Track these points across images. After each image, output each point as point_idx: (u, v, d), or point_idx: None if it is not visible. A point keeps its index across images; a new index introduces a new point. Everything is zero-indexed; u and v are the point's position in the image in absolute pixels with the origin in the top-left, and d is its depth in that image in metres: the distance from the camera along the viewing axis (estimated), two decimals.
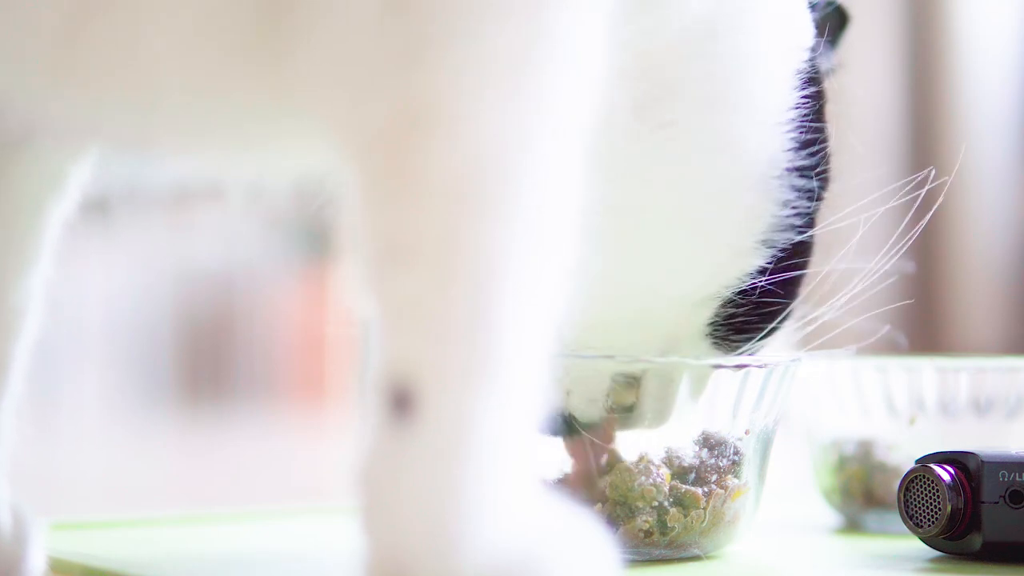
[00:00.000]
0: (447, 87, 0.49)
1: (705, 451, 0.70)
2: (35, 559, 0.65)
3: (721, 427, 0.70)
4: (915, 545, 0.73)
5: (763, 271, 0.67)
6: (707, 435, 0.70)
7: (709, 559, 0.70)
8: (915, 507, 0.72)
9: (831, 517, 0.84)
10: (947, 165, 2.00)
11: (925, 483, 0.71)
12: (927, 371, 0.82)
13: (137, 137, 0.60)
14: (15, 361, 0.65)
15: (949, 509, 0.71)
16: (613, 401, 0.69)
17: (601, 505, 0.69)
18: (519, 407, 0.50)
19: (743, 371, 0.70)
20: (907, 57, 2.16)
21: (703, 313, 0.68)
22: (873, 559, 0.74)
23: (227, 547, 0.76)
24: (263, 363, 2.68)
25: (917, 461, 0.72)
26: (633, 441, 0.70)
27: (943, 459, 0.72)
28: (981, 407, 0.82)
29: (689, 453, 0.70)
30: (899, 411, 0.82)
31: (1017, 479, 0.70)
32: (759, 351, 0.70)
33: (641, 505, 0.69)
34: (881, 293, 0.72)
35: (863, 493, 0.82)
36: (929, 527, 0.71)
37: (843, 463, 0.83)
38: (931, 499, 0.71)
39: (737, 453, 0.71)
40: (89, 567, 0.69)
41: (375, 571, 0.50)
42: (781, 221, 0.67)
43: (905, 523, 0.72)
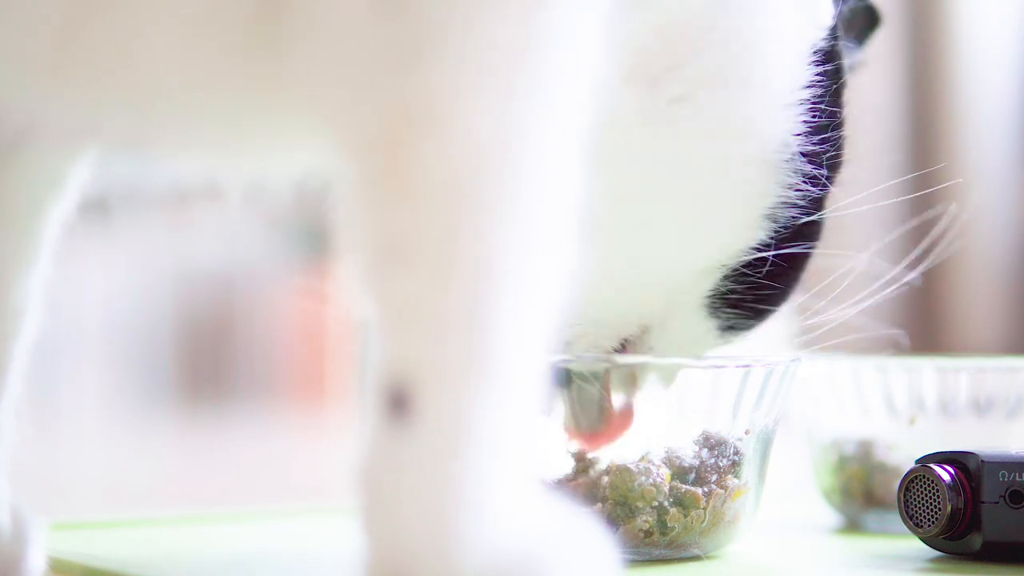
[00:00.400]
0: (444, 86, 0.49)
1: (705, 451, 0.70)
2: (35, 559, 0.65)
3: (721, 427, 0.70)
4: (915, 545, 0.73)
5: (768, 248, 0.67)
6: (707, 435, 0.70)
7: (709, 559, 0.70)
8: (915, 507, 0.72)
9: (831, 517, 0.84)
10: (947, 165, 2.00)
11: (925, 483, 0.71)
12: (927, 371, 0.82)
13: (136, 137, 0.60)
14: (14, 361, 0.65)
15: (949, 509, 0.71)
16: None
17: (601, 505, 0.69)
18: (518, 406, 0.50)
19: (743, 371, 0.70)
20: (907, 57, 2.15)
21: (703, 283, 0.68)
22: (873, 559, 0.74)
23: (227, 547, 0.76)
24: (263, 363, 2.68)
25: (917, 461, 0.72)
26: (633, 441, 0.70)
27: (943, 459, 0.72)
28: (981, 407, 0.82)
29: (689, 453, 0.70)
30: (899, 411, 0.82)
31: (1017, 479, 0.70)
32: (750, 330, 0.70)
33: (641, 505, 0.69)
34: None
35: (863, 493, 0.82)
36: (929, 527, 0.71)
37: (843, 463, 0.83)
38: (931, 499, 0.71)
39: (737, 453, 0.71)
40: (89, 567, 0.69)
41: (375, 571, 0.49)
42: (788, 198, 0.67)
43: (905, 523, 0.72)
